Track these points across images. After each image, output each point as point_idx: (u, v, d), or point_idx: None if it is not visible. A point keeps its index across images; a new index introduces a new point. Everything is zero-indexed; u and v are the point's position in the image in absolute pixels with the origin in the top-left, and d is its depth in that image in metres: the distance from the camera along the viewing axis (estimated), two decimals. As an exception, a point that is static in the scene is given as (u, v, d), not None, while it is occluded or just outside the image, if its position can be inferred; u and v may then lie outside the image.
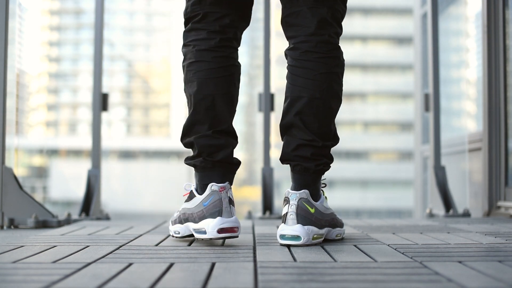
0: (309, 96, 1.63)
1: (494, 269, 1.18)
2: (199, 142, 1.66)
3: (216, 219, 1.57)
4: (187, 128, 1.69)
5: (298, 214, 1.58)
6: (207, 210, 1.60)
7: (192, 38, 1.70)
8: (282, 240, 1.59)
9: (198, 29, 1.70)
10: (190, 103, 1.69)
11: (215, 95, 1.66)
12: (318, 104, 1.63)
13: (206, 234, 1.58)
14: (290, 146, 1.66)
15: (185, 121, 1.69)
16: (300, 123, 1.64)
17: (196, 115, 1.67)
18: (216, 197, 1.59)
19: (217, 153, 1.65)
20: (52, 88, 46.41)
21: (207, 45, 1.68)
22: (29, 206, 2.50)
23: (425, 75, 4.75)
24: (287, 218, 1.59)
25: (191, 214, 1.65)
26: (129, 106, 47.05)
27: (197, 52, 1.68)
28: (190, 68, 1.69)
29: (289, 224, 1.58)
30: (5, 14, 2.43)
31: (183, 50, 1.74)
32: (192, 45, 1.69)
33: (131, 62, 47.47)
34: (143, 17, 46.67)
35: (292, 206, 1.59)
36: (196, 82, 1.67)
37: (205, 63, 1.67)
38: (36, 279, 1.10)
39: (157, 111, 47.30)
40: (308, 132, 1.63)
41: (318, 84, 1.63)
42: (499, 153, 2.94)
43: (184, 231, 1.70)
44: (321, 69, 1.64)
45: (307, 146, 1.64)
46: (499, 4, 2.98)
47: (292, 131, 1.66)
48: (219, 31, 1.69)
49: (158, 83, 47.41)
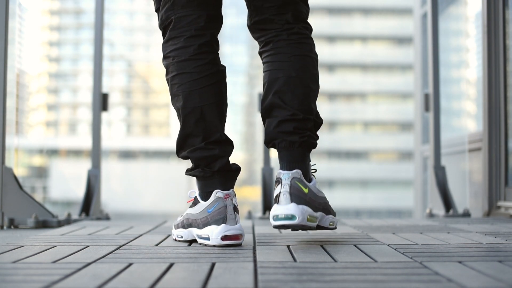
0: (286, 75, 1.63)
1: (494, 269, 1.18)
2: (193, 155, 1.65)
3: (220, 226, 1.57)
4: (180, 142, 1.68)
5: (292, 194, 1.53)
6: (211, 216, 1.59)
7: (171, 48, 1.68)
8: (275, 221, 1.53)
9: (174, 37, 1.67)
10: (179, 116, 1.68)
11: (202, 106, 1.64)
12: (296, 82, 1.63)
13: (210, 241, 1.58)
14: (271, 125, 1.64)
15: (177, 135, 1.68)
16: (280, 101, 1.63)
17: (187, 129, 1.66)
18: (221, 204, 1.59)
19: (214, 163, 1.64)
20: (52, 88, 46.41)
21: (186, 54, 1.65)
22: (29, 206, 2.50)
23: (425, 75, 4.75)
24: (280, 198, 1.54)
25: (195, 220, 1.65)
26: (129, 106, 47.05)
27: (178, 64, 1.66)
28: (174, 81, 1.66)
29: (283, 204, 1.52)
30: (5, 14, 2.43)
31: (164, 63, 1.71)
32: (171, 57, 1.67)
33: (131, 62, 47.47)
34: (143, 17, 46.66)
35: (285, 186, 1.54)
36: (181, 96, 1.64)
37: (187, 74, 1.64)
38: (36, 279, 1.10)
39: (157, 111, 47.31)
40: (289, 108, 1.62)
41: (293, 65, 1.64)
42: (499, 153, 2.94)
43: (187, 235, 1.71)
44: (295, 51, 1.66)
45: (289, 121, 1.62)
46: (499, 4, 2.98)
47: (272, 112, 1.64)
48: (196, 36, 1.66)
49: (158, 83, 47.39)
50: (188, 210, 1.71)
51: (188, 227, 1.69)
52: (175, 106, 1.69)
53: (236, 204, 1.61)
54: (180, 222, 1.74)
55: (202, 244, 1.62)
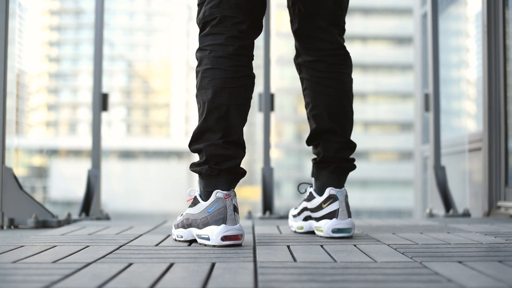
0: (342, 103, 1.84)
1: (494, 269, 1.18)
2: (208, 150, 1.64)
3: (220, 226, 1.57)
4: (197, 134, 1.67)
5: (347, 210, 1.78)
6: (211, 217, 1.59)
7: (209, 42, 1.67)
8: (335, 233, 1.75)
9: (215, 33, 1.67)
10: (202, 109, 1.66)
11: (229, 105, 1.64)
12: (348, 110, 1.86)
13: (210, 241, 1.58)
14: (330, 150, 1.84)
15: (196, 127, 1.67)
16: (338, 128, 1.83)
17: (208, 123, 1.65)
18: (221, 204, 1.59)
19: (224, 162, 1.64)
20: (52, 88, 46.41)
21: (224, 51, 1.66)
22: (29, 206, 2.50)
23: (425, 75, 4.75)
24: (339, 213, 1.76)
25: (194, 220, 1.65)
26: (129, 106, 47.07)
27: (213, 58, 1.66)
28: (205, 74, 1.66)
29: (342, 219, 1.75)
30: (5, 14, 2.43)
31: (198, 54, 1.71)
32: (208, 50, 1.67)
33: (131, 62, 47.48)
34: (143, 17, 46.67)
35: (342, 203, 1.77)
36: (211, 90, 1.64)
37: (221, 71, 1.65)
38: (36, 279, 1.10)
39: (157, 111, 47.31)
40: (344, 134, 1.85)
41: (347, 93, 1.86)
42: (499, 153, 2.94)
43: (187, 235, 1.70)
44: (347, 79, 1.86)
45: (346, 149, 1.85)
46: (499, 4, 2.98)
47: (328, 135, 1.84)
48: (238, 37, 1.68)
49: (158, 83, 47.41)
50: (187, 210, 1.71)
51: (188, 227, 1.69)
52: (200, 98, 1.67)
53: (236, 204, 1.61)
54: (180, 222, 1.74)
55: (202, 244, 1.62)
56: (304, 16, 1.84)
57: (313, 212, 1.85)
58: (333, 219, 1.76)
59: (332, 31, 1.84)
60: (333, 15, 1.84)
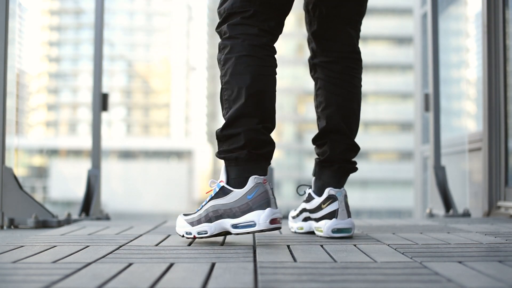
0: (352, 106, 1.89)
1: (494, 269, 1.18)
2: (248, 134, 1.62)
3: (267, 210, 1.57)
4: (233, 119, 1.63)
5: (347, 210, 1.79)
6: (253, 202, 1.58)
7: (242, 32, 1.68)
8: (335, 233, 1.75)
9: (249, 24, 1.68)
10: (237, 95, 1.64)
11: (266, 92, 1.66)
12: (357, 114, 1.91)
13: (256, 227, 1.56)
14: (336, 149, 1.87)
15: (231, 112, 1.64)
16: (347, 130, 1.87)
17: (245, 108, 1.63)
18: (262, 189, 1.59)
19: (263, 148, 1.64)
20: (52, 88, 46.42)
21: (259, 41, 1.68)
22: (29, 206, 2.50)
23: (425, 75, 4.75)
24: (339, 213, 1.77)
25: (229, 209, 1.60)
26: (129, 106, 47.09)
27: (249, 46, 1.66)
28: (241, 60, 1.65)
29: (342, 219, 1.77)
30: (5, 14, 2.43)
31: (228, 42, 1.68)
32: (241, 39, 1.67)
33: (131, 62, 47.51)
34: (143, 17, 46.68)
35: (341, 203, 1.78)
36: (249, 75, 1.64)
37: (257, 59, 1.67)
38: (36, 279, 1.10)
39: (157, 111, 47.33)
40: (351, 137, 1.88)
41: (357, 96, 1.91)
42: (499, 153, 2.94)
43: (214, 229, 1.63)
44: (358, 83, 1.92)
45: (351, 150, 1.88)
46: (499, 4, 2.98)
47: (336, 135, 1.86)
48: (269, 32, 1.71)
49: (158, 83, 47.42)
50: (214, 202, 1.64)
51: (217, 219, 1.62)
52: (235, 83, 1.65)
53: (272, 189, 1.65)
54: (202, 216, 1.65)
55: (241, 233, 1.59)
56: (325, 19, 1.88)
57: (312, 213, 1.85)
58: (333, 219, 1.77)
59: (351, 34, 1.90)
60: (352, 19, 1.90)
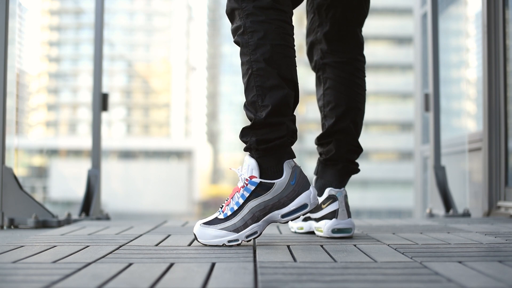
0: (360, 108, 1.91)
1: (494, 269, 1.18)
2: (290, 124, 1.62)
3: (311, 189, 1.59)
4: (279, 107, 1.58)
5: (347, 210, 1.80)
6: (298, 185, 1.58)
7: (275, 17, 1.61)
8: (335, 233, 1.76)
9: (279, 9, 1.62)
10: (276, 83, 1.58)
11: (296, 82, 1.64)
12: (362, 116, 1.93)
13: (309, 207, 1.58)
14: (341, 149, 1.88)
15: (277, 99, 1.58)
16: (353, 130, 1.89)
17: (289, 98, 1.60)
18: (298, 170, 1.60)
19: (295, 137, 1.64)
20: (52, 88, 46.42)
21: (291, 31, 1.64)
22: (29, 206, 2.50)
23: (425, 75, 4.75)
24: (339, 213, 1.78)
25: (277, 201, 1.57)
26: (129, 106, 47.08)
27: (284, 35, 1.62)
28: (278, 50, 1.59)
29: (342, 219, 1.78)
30: (5, 14, 2.43)
31: (260, 26, 1.60)
32: (275, 25, 1.60)
33: (131, 62, 47.50)
34: (143, 17, 46.67)
35: (341, 203, 1.79)
36: (287, 67, 1.60)
37: (291, 49, 1.63)
38: (36, 279, 1.10)
39: (157, 111, 47.31)
40: (357, 138, 1.91)
41: (364, 99, 1.94)
42: (499, 153, 2.94)
43: (262, 226, 1.60)
44: (365, 86, 1.95)
45: (355, 152, 1.90)
46: (499, 4, 2.98)
47: (342, 135, 1.88)
48: (291, 20, 1.67)
49: (158, 83, 47.41)
50: (257, 201, 1.58)
51: (264, 215, 1.59)
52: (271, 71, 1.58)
53: None
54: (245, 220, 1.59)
55: (294, 219, 1.59)
56: (337, 21, 1.90)
57: (312, 213, 1.85)
58: (333, 219, 1.77)
59: (359, 36, 1.95)
60: (362, 21, 1.95)
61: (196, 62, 49.48)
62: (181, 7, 47.98)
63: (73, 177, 31.75)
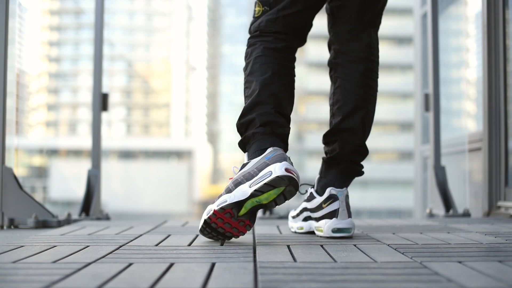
0: (369, 108, 1.92)
1: (494, 269, 1.18)
2: (261, 117, 1.70)
3: (283, 162, 1.59)
4: (248, 109, 1.73)
5: (348, 210, 1.79)
6: (270, 160, 1.61)
7: (259, 40, 1.82)
8: (335, 233, 1.76)
9: (265, 35, 1.82)
10: (253, 89, 1.75)
11: (280, 84, 1.75)
12: (372, 116, 1.94)
13: (272, 175, 1.57)
14: (346, 149, 1.88)
15: (246, 104, 1.74)
16: (360, 129, 1.89)
17: (259, 97, 1.72)
18: (279, 151, 1.62)
19: (277, 128, 1.70)
20: (52, 88, 46.42)
21: (274, 45, 1.80)
22: (29, 206, 2.50)
23: (425, 75, 4.75)
24: (339, 213, 1.77)
25: (247, 173, 1.62)
26: (129, 106, 47.08)
27: (264, 49, 1.79)
28: (256, 61, 1.78)
29: (342, 218, 1.77)
30: (5, 14, 2.43)
31: (249, 49, 1.83)
32: (258, 44, 1.81)
33: (131, 62, 47.50)
34: (143, 17, 46.67)
35: (342, 203, 1.79)
36: (263, 71, 1.76)
37: (272, 57, 1.78)
38: (36, 279, 1.10)
39: (157, 111, 47.32)
40: (363, 139, 1.90)
41: (374, 100, 1.95)
42: (499, 153, 2.94)
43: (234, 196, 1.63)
44: (376, 87, 1.96)
45: (360, 153, 1.90)
46: (499, 4, 2.98)
47: (348, 134, 1.88)
48: (284, 40, 1.82)
49: (158, 83, 47.42)
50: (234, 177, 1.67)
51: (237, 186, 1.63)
52: (251, 80, 1.77)
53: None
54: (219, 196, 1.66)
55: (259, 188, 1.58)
56: (348, 21, 1.92)
57: (313, 212, 1.85)
58: (333, 219, 1.77)
59: (372, 36, 1.95)
60: (374, 22, 1.95)
61: (196, 62, 49.51)
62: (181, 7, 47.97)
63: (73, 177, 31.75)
